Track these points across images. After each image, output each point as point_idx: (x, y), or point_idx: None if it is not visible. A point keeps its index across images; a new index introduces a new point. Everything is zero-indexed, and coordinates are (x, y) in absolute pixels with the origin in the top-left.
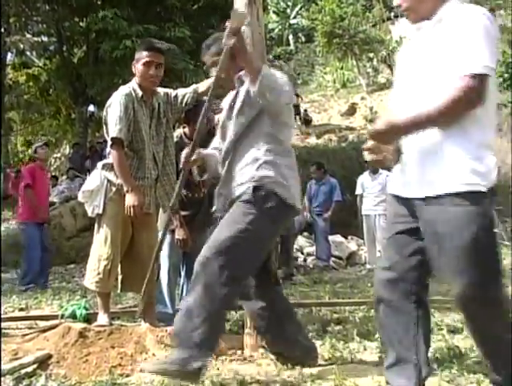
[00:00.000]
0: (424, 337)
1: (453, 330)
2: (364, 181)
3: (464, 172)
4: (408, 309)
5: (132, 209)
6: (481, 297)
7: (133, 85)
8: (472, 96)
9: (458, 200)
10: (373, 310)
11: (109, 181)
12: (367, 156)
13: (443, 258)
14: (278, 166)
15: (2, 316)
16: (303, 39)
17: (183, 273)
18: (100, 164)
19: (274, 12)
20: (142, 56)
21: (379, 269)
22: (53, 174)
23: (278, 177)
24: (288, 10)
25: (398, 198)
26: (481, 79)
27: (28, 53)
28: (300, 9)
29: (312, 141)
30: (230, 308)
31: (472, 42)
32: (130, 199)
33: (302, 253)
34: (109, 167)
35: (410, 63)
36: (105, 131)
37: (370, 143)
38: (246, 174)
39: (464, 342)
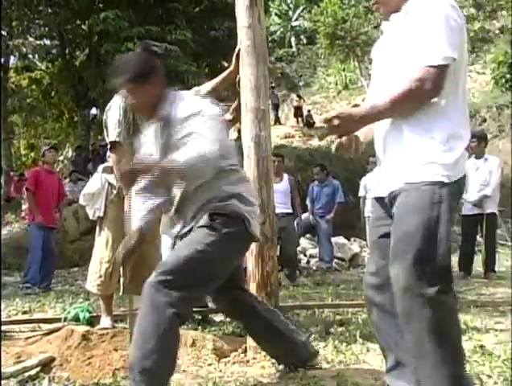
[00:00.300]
0: None
1: None
2: (367, 183)
3: (426, 163)
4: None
5: None
6: (413, 289)
7: None
8: (427, 87)
9: (416, 188)
10: None
11: (109, 184)
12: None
13: (392, 240)
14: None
15: (6, 319)
16: (305, 40)
17: None
18: (100, 167)
19: (276, 14)
20: None
21: (367, 274)
22: None
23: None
24: (290, 12)
25: (377, 199)
26: (438, 70)
27: (30, 56)
28: (302, 11)
29: (315, 142)
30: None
31: (431, 32)
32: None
33: (305, 255)
34: (109, 170)
35: (382, 57)
36: (105, 134)
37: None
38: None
39: (467, 343)
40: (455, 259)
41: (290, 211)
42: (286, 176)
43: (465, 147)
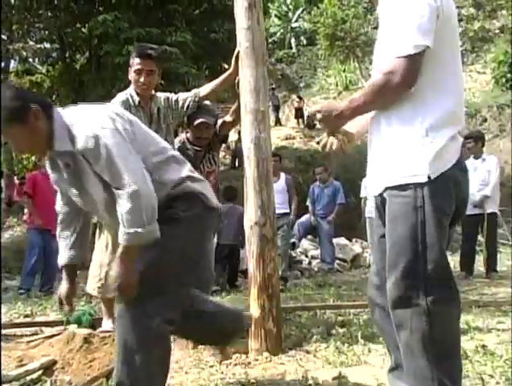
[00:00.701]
0: None
1: None
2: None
3: (405, 160)
4: None
5: None
6: (405, 300)
7: (130, 91)
8: (396, 79)
9: (396, 194)
10: None
11: None
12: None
13: (386, 250)
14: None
15: (8, 322)
16: (305, 42)
17: None
18: None
19: (275, 16)
20: (134, 63)
21: (371, 273)
22: None
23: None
24: (290, 14)
25: (373, 197)
26: (408, 60)
27: (31, 60)
28: (302, 12)
29: (316, 144)
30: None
31: (401, 20)
32: None
33: (306, 256)
34: None
35: (375, 48)
36: None
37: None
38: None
39: (469, 343)
40: (456, 259)
41: (287, 211)
42: (283, 175)
43: (452, 136)
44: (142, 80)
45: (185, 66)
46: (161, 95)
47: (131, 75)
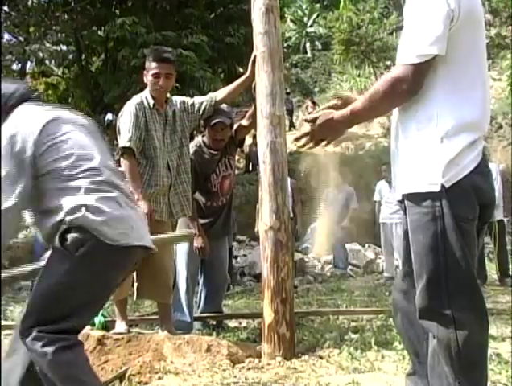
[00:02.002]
0: None
1: None
2: (382, 188)
3: (422, 165)
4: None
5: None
6: (429, 310)
7: (145, 94)
8: (402, 86)
9: (415, 204)
10: (391, 319)
11: None
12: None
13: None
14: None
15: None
16: (320, 46)
17: (201, 281)
18: None
19: (291, 20)
20: (151, 67)
21: (397, 277)
22: None
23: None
24: (305, 19)
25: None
26: (415, 68)
27: (47, 62)
28: (317, 17)
29: (329, 148)
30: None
31: (413, 24)
32: (141, 207)
33: (319, 261)
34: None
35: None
36: (118, 140)
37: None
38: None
39: None
40: None
41: (291, 215)
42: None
43: (470, 142)
44: (160, 83)
45: (200, 69)
46: (177, 98)
47: (148, 79)
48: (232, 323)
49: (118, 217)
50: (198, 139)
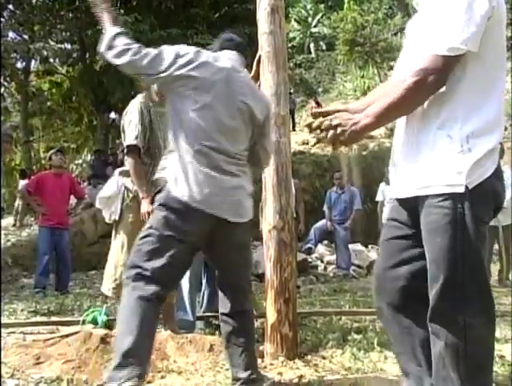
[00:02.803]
0: (421, 345)
1: None
2: (385, 189)
3: (442, 168)
4: (398, 320)
5: (147, 216)
6: (442, 313)
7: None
8: (431, 77)
9: (434, 204)
10: None
11: (125, 188)
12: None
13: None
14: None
15: (25, 321)
16: (324, 47)
17: (204, 281)
18: (117, 171)
19: (295, 20)
20: None
21: (373, 276)
22: None
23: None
24: (310, 19)
25: (395, 200)
26: (444, 60)
27: (51, 60)
28: (322, 17)
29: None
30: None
31: (446, 15)
32: (145, 206)
33: (322, 262)
34: (126, 174)
35: (409, 35)
36: (122, 138)
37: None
38: None
39: None
40: None
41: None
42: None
43: (495, 144)
44: None
45: None
46: None
47: None
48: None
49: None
50: None
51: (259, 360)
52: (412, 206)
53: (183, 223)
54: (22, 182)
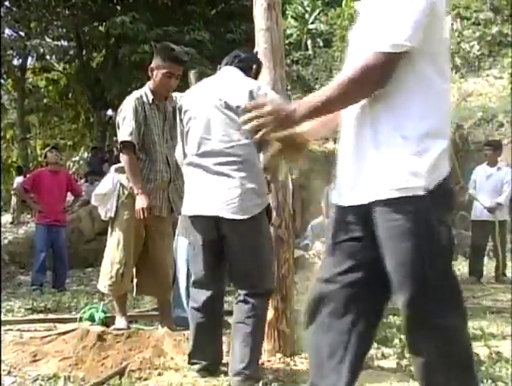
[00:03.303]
0: (351, 365)
1: (472, 338)
2: None
3: (396, 173)
4: (338, 327)
5: (141, 211)
6: (417, 319)
7: (145, 90)
8: (374, 74)
9: (393, 209)
10: (391, 316)
11: (121, 184)
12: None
13: (389, 271)
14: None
15: (22, 318)
16: (322, 43)
17: None
18: (113, 168)
19: (292, 17)
20: (164, 66)
21: (316, 280)
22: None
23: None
24: (307, 15)
25: (340, 207)
26: (387, 57)
27: (48, 57)
28: (319, 14)
29: (331, 146)
30: None
31: (385, 16)
32: (139, 202)
33: (319, 259)
34: (121, 171)
35: (351, 42)
36: (118, 135)
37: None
38: None
39: (483, 350)
40: (466, 263)
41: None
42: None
43: (448, 143)
44: (171, 83)
45: (202, 66)
46: (177, 95)
47: (157, 76)
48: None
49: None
50: None
51: None
52: (364, 211)
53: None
54: (18, 179)
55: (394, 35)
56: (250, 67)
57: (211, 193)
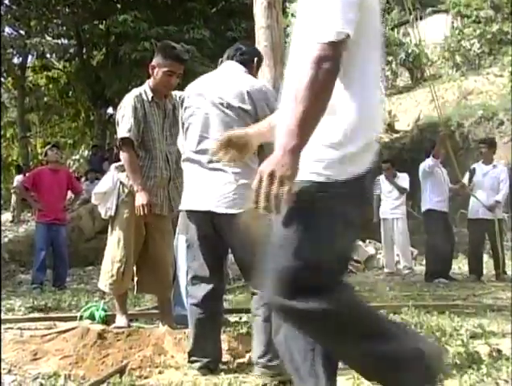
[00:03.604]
0: (324, 365)
1: (473, 336)
2: (381, 183)
3: (313, 161)
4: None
5: (141, 208)
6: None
7: (144, 87)
8: (328, 64)
9: (300, 190)
10: (391, 314)
11: (121, 183)
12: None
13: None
14: None
15: (22, 317)
16: None
17: None
18: (113, 166)
19: (292, 15)
20: (165, 64)
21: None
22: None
23: None
24: None
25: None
26: (333, 46)
27: (48, 55)
28: None
29: None
30: None
31: (322, 10)
32: (139, 199)
33: None
34: (121, 169)
35: (292, 41)
36: (117, 132)
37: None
38: None
39: (484, 348)
40: (466, 261)
41: None
42: None
43: (373, 137)
44: (172, 82)
45: (202, 64)
46: (177, 93)
47: (157, 74)
48: (232, 318)
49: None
50: None
51: None
52: None
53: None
54: (18, 178)
55: (334, 24)
56: (252, 61)
57: (206, 188)
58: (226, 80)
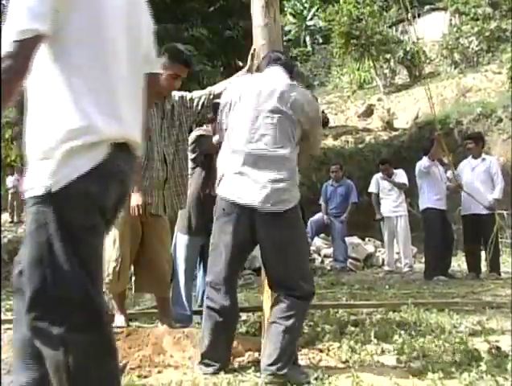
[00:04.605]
0: None
1: (472, 333)
2: (380, 181)
3: (36, 168)
4: None
5: (136, 209)
6: (39, 332)
7: None
8: (5, 65)
9: (28, 208)
10: (390, 313)
11: None
12: None
13: None
14: None
15: None
16: (320, 40)
17: (199, 275)
18: None
19: (290, 14)
20: (173, 67)
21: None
22: None
23: None
24: (305, 12)
25: None
26: (20, 46)
27: None
28: (317, 10)
29: (329, 142)
30: None
31: (14, 5)
32: (134, 199)
33: (319, 255)
34: None
35: None
36: None
37: None
38: None
39: (483, 345)
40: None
41: None
42: None
43: (90, 140)
44: (176, 84)
45: (200, 63)
46: (175, 93)
47: (163, 77)
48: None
49: None
50: (199, 130)
51: (256, 354)
52: None
53: None
54: (11, 179)
55: (21, 21)
56: (291, 71)
57: (248, 184)
58: (276, 85)
